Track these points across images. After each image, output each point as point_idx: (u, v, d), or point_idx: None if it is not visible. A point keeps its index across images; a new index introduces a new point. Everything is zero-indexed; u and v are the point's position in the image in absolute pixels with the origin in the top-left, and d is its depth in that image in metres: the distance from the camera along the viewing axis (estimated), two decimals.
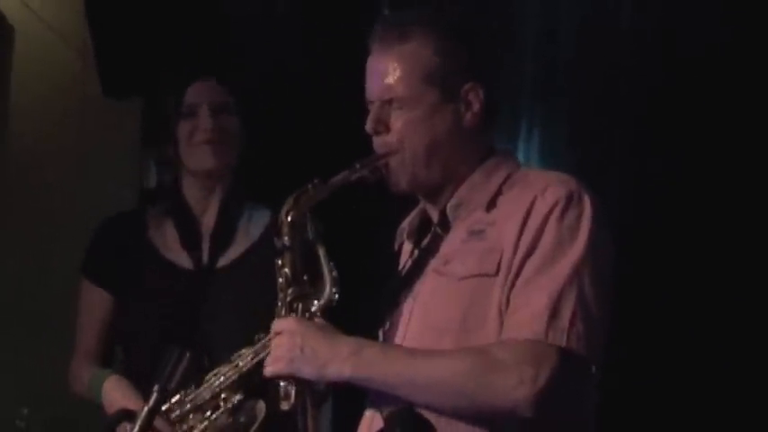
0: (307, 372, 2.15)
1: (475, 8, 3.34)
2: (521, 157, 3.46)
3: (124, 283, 3.01)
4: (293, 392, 2.17)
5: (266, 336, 2.55)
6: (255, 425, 2.56)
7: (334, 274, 2.26)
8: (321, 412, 2.25)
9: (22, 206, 3.66)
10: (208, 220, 3.05)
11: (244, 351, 2.60)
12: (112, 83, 3.75)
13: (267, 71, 3.61)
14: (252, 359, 2.56)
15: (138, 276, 3.00)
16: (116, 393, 2.89)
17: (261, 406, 2.50)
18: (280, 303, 2.26)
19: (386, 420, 2.14)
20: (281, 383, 2.18)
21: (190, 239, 3.02)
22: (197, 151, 2.98)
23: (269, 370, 2.19)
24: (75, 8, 3.73)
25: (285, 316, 2.24)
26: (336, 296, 2.25)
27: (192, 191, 3.04)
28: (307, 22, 3.76)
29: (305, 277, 2.26)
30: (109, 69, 3.74)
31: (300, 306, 2.24)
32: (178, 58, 3.57)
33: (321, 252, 2.28)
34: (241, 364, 2.59)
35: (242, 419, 2.60)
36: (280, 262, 2.26)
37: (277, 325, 2.23)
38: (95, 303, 3.03)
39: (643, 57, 3.36)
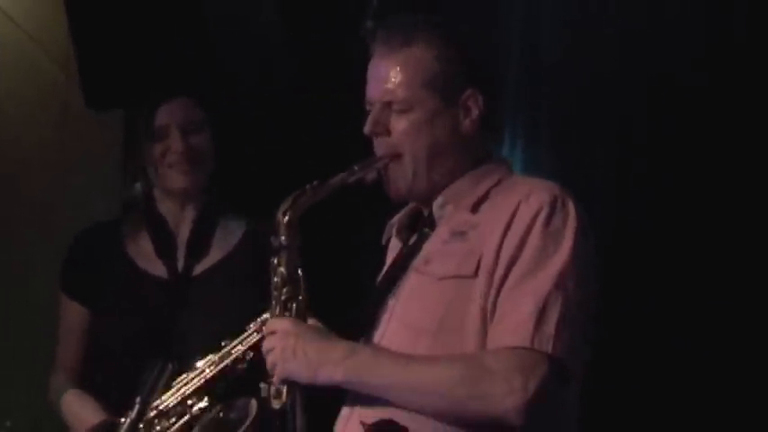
0: (299, 374, 2.17)
1: (458, 15, 3.35)
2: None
3: (99, 295, 3.01)
4: (285, 391, 2.19)
5: (231, 342, 2.56)
6: (247, 422, 2.56)
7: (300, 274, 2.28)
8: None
9: (3, 217, 3.66)
10: (183, 231, 3.06)
11: (209, 357, 2.61)
12: (95, 94, 3.73)
13: (248, 82, 3.61)
14: (216, 365, 2.57)
15: (114, 286, 3.01)
16: (74, 406, 2.92)
17: (253, 404, 2.50)
18: (274, 302, 2.27)
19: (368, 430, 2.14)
20: (273, 382, 2.20)
21: (165, 249, 3.03)
22: (170, 173, 3.00)
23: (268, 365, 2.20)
24: (58, 20, 3.72)
25: (279, 315, 2.25)
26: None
27: (166, 204, 3.06)
28: (290, 33, 3.76)
29: (300, 275, 2.27)
30: (91, 81, 3.72)
31: (295, 306, 2.25)
32: (161, 70, 3.56)
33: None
34: (207, 370, 2.60)
35: (233, 416, 2.60)
36: (276, 261, 2.27)
37: (271, 324, 2.24)
38: (73, 317, 3.04)
39: (627, 65, 3.36)
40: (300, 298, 2.26)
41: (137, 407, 2.45)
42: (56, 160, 3.83)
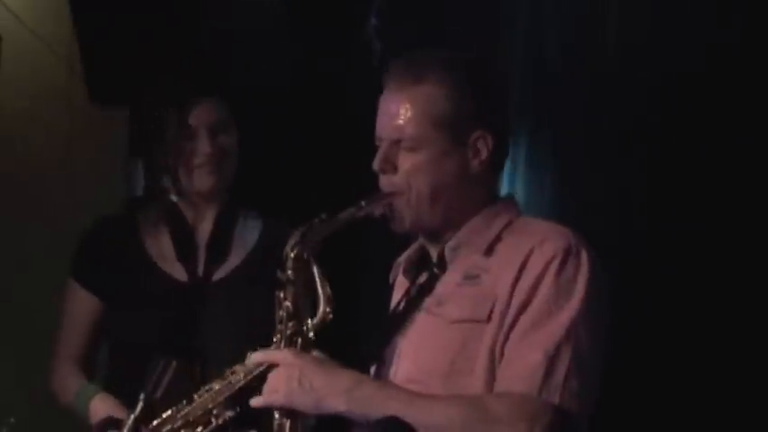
0: (303, 404, 2.16)
1: (462, 17, 3.36)
2: (507, 163, 3.47)
3: (115, 289, 3.00)
4: (288, 425, 2.19)
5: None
6: None
7: (329, 292, 2.28)
8: None
9: (7, 213, 3.66)
10: (202, 233, 3.04)
11: (237, 367, 2.60)
12: (99, 90, 3.75)
13: (253, 80, 3.62)
14: (244, 376, 2.56)
15: (132, 284, 2.99)
16: (102, 411, 2.88)
17: None
18: (279, 335, 2.26)
19: (371, 428, 2.15)
20: (276, 416, 2.20)
21: (185, 251, 3.01)
22: (197, 174, 2.97)
23: (264, 399, 2.20)
24: (62, 16, 3.72)
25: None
26: (330, 315, 2.27)
27: (186, 204, 3.03)
28: (297, 30, 3.77)
29: (305, 325, 2.26)
30: (96, 77, 3.73)
31: (300, 341, 2.24)
32: (166, 66, 3.57)
33: (316, 271, 2.29)
34: (233, 380, 2.59)
35: None
36: (282, 295, 2.27)
37: (275, 356, 2.23)
38: (82, 307, 3.02)
39: (630, 66, 3.37)
40: (306, 330, 2.25)
41: (140, 403, 2.46)
42: (60, 156, 3.83)
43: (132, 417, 2.45)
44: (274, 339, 2.29)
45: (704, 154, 3.23)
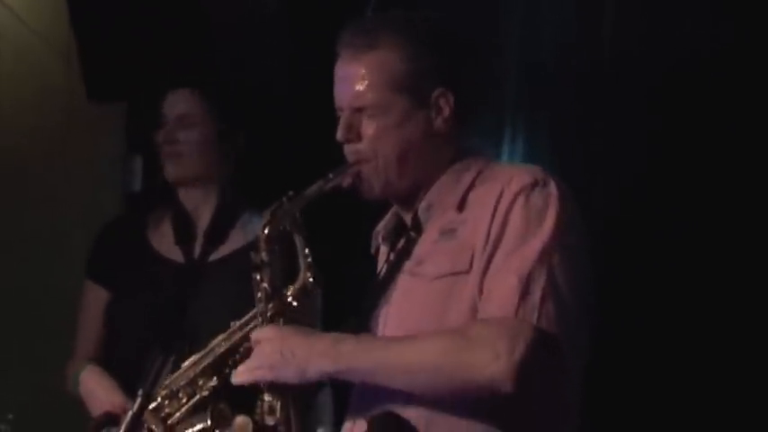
0: (288, 375, 2.14)
1: (457, 17, 3.36)
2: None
3: (120, 279, 3.06)
4: (278, 406, 2.18)
5: (238, 321, 2.55)
6: None
7: (309, 259, 2.27)
8: (313, 415, 2.26)
9: (4, 210, 3.67)
10: (203, 220, 3.10)
11: (218, 337, 2.61)
12: (97, 87, 3.76)
13: (256, 76, 3.63)
14: (225, 344, 2.57)
15: (133, 272, 3.05)
16: (91, 381, 2.94)
17: (247, 421, 2.49)
18: (260, 318, 2.25)
19: (368, 425, 2.14)
20: (266, 398, 2.19)
21: (183, 235, 3.08)
22: (165, 162, 3.07)
23: (249, 376, 2.18)
24: (60, 13, 3.74)
25: None
26: (311, 279, 2.27)
27: (189, 194, 3.10)
28: (294, 26, 3.78)
29: (285, 291, 2.26)
30: (93, 73, 3.75)
31: (281, 321, 2.23)
32: (163, 62, 3.58)
33: (297, 240, 2.28)
34: (215, 349, 2.59)
35: None
36: (258, 277, 2.25)
37: (255, 335, 2.22)
38: (96, 303, 3.08)
39: (623, 65, 3.38)
40: (286, 302, 2.25)
41: (138, 399, 2.46)
42: (59, 152, 3.84)
43: (131, 412, 2.45)
44: (255, 322, 2.29)
45: (701, 153, 3.24)
